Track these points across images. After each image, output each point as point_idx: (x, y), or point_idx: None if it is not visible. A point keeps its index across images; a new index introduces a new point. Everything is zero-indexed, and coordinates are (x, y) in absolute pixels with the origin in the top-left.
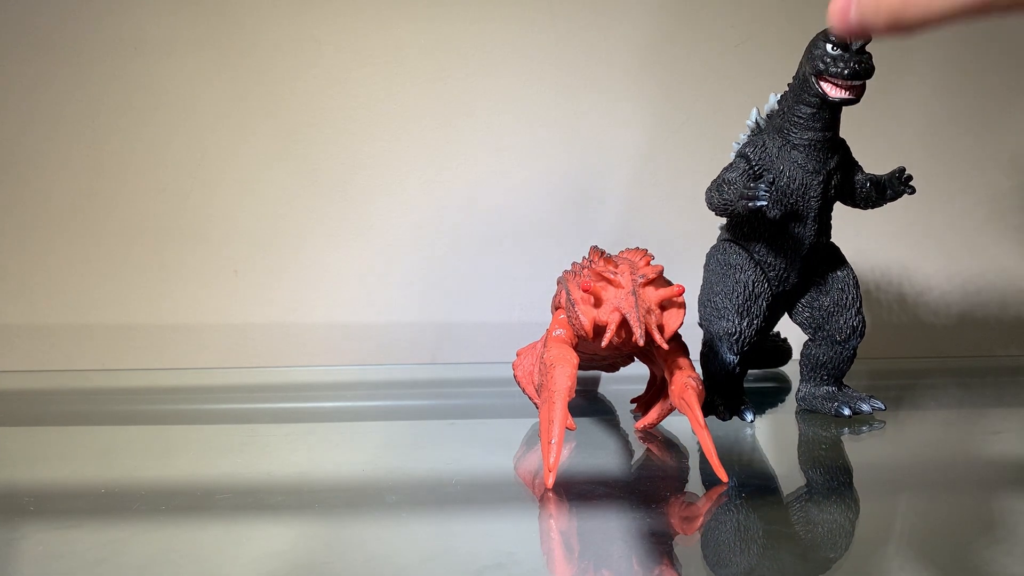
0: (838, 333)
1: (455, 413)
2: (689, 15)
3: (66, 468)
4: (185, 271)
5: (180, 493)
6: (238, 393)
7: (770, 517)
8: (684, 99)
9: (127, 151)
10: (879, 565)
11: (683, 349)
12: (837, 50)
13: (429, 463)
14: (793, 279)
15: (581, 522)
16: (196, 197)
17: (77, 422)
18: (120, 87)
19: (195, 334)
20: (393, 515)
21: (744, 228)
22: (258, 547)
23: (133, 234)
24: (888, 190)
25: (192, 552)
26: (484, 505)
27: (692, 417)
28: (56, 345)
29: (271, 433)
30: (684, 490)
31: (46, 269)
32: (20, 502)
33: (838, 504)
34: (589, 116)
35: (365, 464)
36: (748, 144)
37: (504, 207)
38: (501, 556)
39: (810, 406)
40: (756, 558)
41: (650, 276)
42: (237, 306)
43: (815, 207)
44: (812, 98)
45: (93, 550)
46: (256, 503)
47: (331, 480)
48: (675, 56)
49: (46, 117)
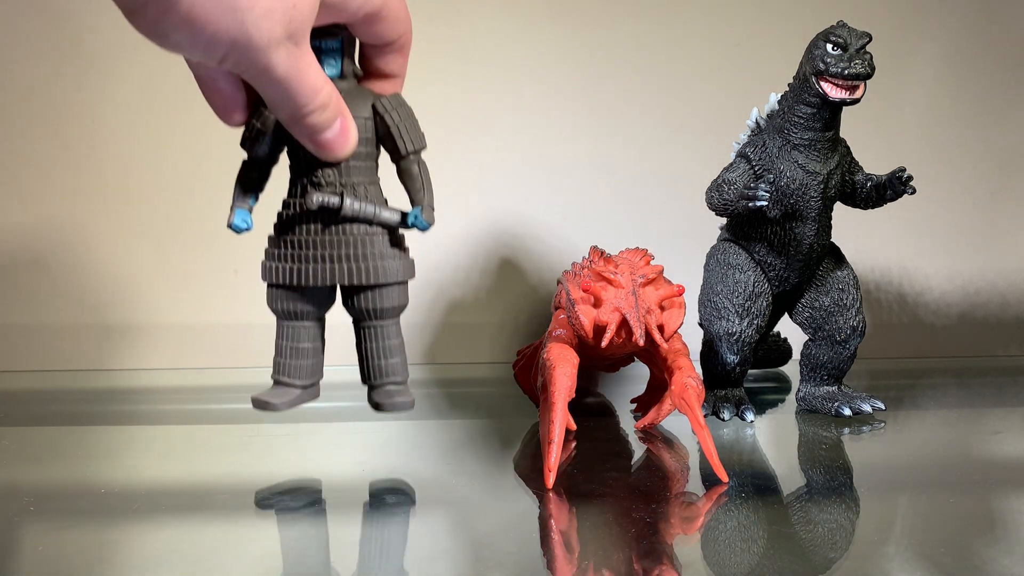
0: (838, 333)
1: (455, 413)
2: (689, 15)
3: (66, 468)
4: (185, 271)
5: (180, 493)
6: (238, 393)
7: (770, 517)
8: (684, 99)
9: (127, 151)
10: (879, 565)
11: (683, 349)
12: (837, 50)
13: (429, 463)
14: (793, 279)
15: (581, 522)
16: (196, 197)
17: (77, 422)
18: (120, 87)
19: (195, 334)
20: (393, 515)
21: (744, 228)
22: (258, 547)
23: (133, 234)
24: (888, 190)
25: (192, 552)
26: (484, 505)
27: (692, 417)
28: (56, 345)
29: (271, 433)
30: (684, 490)
31: (46, 269)
32: (20, 502)
33: (838, 504)
34: (589, 116)
35: (365, 464)
36: (748, 144)
37: (504, 207)
38: (501, 556)
39: (810, 406)
40: (756, 558)
41: (650, 276)
42: (237, 306)
43: (815, 207)
44: (812, 98)
45: (93, 550)
46: (256, 503)
47: (331, 480)
48: (675, 56)
49: (46, 117)
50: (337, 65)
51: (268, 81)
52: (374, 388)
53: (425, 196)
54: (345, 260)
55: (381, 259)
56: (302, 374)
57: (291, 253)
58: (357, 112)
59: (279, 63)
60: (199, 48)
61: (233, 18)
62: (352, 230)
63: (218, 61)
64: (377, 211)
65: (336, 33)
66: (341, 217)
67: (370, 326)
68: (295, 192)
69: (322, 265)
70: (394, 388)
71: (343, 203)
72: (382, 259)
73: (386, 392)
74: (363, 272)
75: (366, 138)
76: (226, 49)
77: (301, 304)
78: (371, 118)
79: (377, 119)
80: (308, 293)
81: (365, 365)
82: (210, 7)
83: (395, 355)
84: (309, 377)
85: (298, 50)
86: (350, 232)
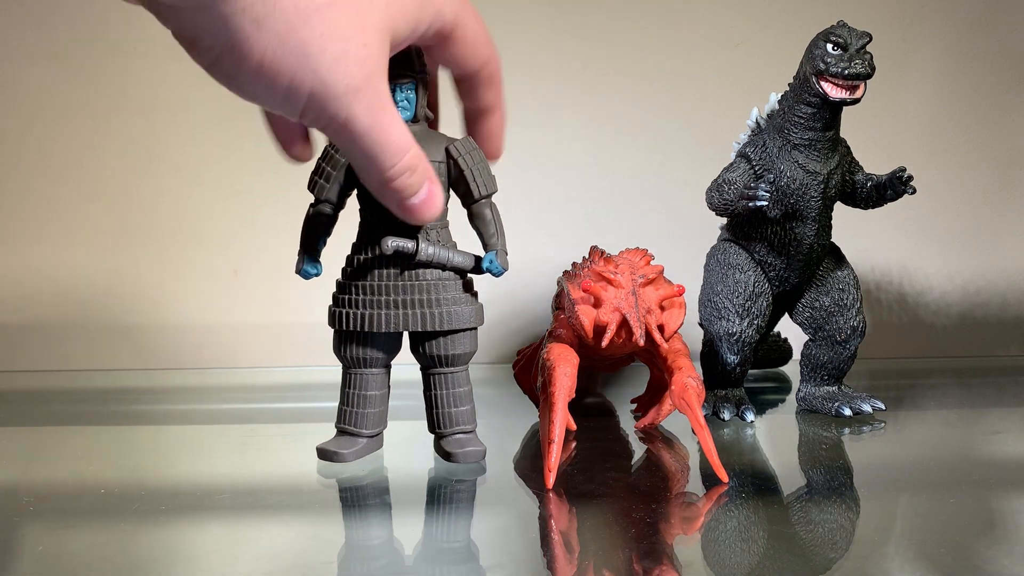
0: (838, 333)
1: None
2: (689, 15)
3: (66, 468)
4: (185, 271)
5: (180, 493)
6: (238, 393)
7: (770, 517)
8: (684, 99)
9: (127, 151)
10: (879, 565)
11: (683, 349)
12: (838, 50)
13: (429, 463)
14: (793, 279)
15: (581, 522)
16: (196, 197)
17: (77, 422)
18: (120, 87)
19: (195, 334)
20: (393, 515)
21: (744, 228)
22: (258, 547)
23: (133, 234)
24: (888, 190)
25: (192, 552)
26: (484, 505)
27: (692, 417)
28: (56, 345)
29: (271, 433)
30: (684, 490)
31: (46, 269)
32: (20, 502)
33: (838, 504)
34: (589, 116)
35: (365, 464)
36: (748, 144)
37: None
38: (501, 556)
39: (810, 406)
40: (756, 558)
41: (650, 276)
42: (237, 306)
43: (815, 207)
44: (812, 98)
45: (93, 550)
46: (256, 503)
47: (331, 480)
48: (675, 56)
49: (46, 117)
50: (411, 109)
51: (352, 137)
52: (443, 437)
53: (499, 240)
54: (418, 306)
55: (454, 304)
56: (368, 423)
57: (362, 299)
58: (431, 156)
59: (360, 114)
60: (278, 99)
61: (306, 65)
62: (425, 275)
63: (299, 114)
64: (451, 256)
65: (410, 77)
66: (416, 262)
67: (440, 373)
68: (366, 237)
69: (395, 312)
70: (464, 437)
71: (418, 248)
72: (455, 304)
73: (457, 441)
74: (436, 318)
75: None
76: (305, 100)
77: (371, 351)
78: (444, 162)
79: (451, 162)
80: (378, 340)
81: (433, 413)
82: (282, 55)
83: (465, 403)
84: (375, 426)
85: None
86: (423, 277)
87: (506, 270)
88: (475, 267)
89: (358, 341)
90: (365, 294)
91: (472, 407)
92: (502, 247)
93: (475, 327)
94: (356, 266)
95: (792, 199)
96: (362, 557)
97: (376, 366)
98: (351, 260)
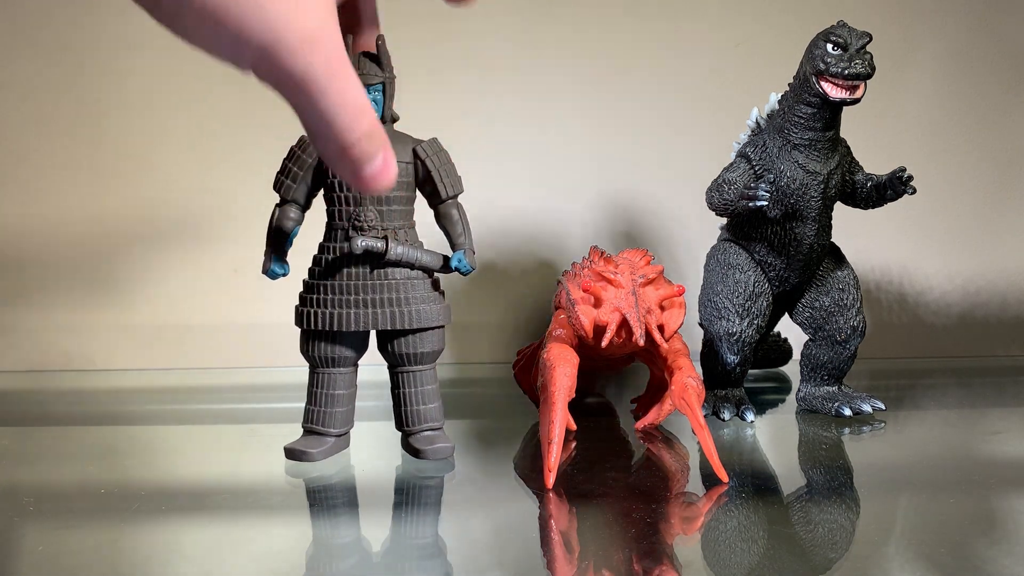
0: (838, 333)
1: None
2: (689, 15)
3: (66, 468)
4: (185, 271)
5: (180, 493)
6: (238, 393)
7: (770, 517)
8: (684, 99)
9: (127, 150)
10: (879, 565)
11: (683, 349)
12: (838, 50)
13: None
14: (793, 279)
15: (581, 522)
16: (196, 197)
17: (77, 422)
18: (121, 87)
19: (195, 334)
20: (393, 515)
21: (744, 228)
22: (258, 547)
23: (133, 234)
24: (888, 190)
25: (192, 552)
26: (484, 505)
27: (692, 417)
28: (57, 345)
29: (271, 433)
30: (684, 490)
31: (46, 269)
32: (20, 502)
33: (838, 504)
34: (589, 116)
35: (364, 464)
36: (748, 144)
37: (504, 207)
38: (501, 556)
39: (810, 406)
40: (756, 558)
41: (650, 276)
42: (237, 306)
43: (815, 207)
44: (812, 98)
45: (93, 550)
46: (256, 503)
47: (331, 480)
48: (675, 56)
49: (46, 117)
50: (379, 111)
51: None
52: (411, 434)
53: (466, 239)
54: (388, 304)
55: (422, 303)
56: (336, 422)
57: (331, 299)
58: (398, 156)
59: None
60: (225, 49)
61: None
62: (394, 274)
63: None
64: (420, 255)
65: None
66: (384, 262)
67: (407, 371)
68: (334, 236)
69: (364, 311)
70: (432, 434)
71: (388, 247)
72: (423, 303)
73: (425, 438)
74: (405, 316)
75: (406, 182)
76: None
77: (339, 350)
78: (411, 162)
79: (418, 163)
80: (346, 339)
81: (401, 411)
82: None
83: (432, 400)
84: (342, 425)
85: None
86: (392, 276)
87: (474, 269)
88: (443, 266)
89: (327, 340)
90: (334, 293)
91: (440, 404)
92: (470, 246)
93: (443, 325)
94: (324, 265)
95: (792, 199)
96: (361, 557)
97: (344, 365)
98: (318, 260)
